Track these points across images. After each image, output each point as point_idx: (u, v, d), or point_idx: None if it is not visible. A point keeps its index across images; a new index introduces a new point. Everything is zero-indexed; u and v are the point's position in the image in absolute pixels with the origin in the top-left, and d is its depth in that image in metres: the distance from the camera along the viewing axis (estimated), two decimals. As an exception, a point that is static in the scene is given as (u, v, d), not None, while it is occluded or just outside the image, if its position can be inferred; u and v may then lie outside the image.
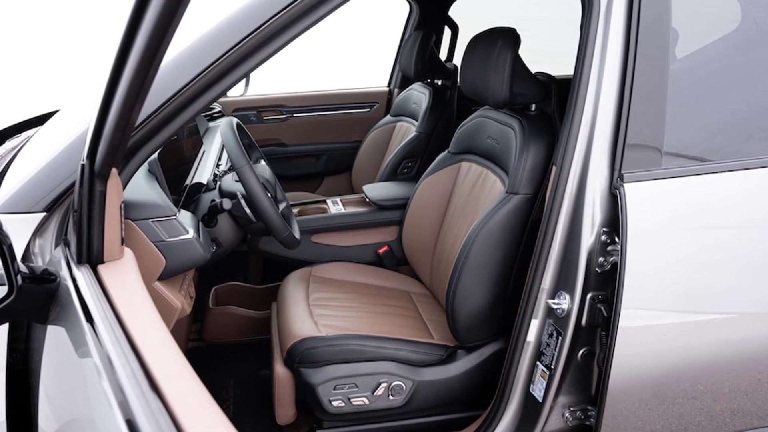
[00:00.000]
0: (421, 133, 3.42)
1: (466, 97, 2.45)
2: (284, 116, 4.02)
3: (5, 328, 1.35)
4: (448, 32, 3.98)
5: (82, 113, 1.71)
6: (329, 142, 4.12)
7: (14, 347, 1.37)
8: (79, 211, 1.25)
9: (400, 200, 2.90)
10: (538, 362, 1.83)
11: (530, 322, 1.82)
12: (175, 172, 2.08)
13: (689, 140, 1.73)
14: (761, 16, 1.81)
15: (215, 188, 2.25)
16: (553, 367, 1.77)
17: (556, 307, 1.73)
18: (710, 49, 1.83)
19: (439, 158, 2.57)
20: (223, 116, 3.59)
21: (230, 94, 3.85)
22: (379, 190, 3.06)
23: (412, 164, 3.45)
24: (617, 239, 1.61)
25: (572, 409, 1.83)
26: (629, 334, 1.64)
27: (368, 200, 2.97)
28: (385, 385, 2.04)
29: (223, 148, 2.86)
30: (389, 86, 4.22)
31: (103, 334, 1.03)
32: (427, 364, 2.10)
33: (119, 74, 0.96)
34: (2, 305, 1.16)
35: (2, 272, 1.17)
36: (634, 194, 1.61)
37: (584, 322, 1.71)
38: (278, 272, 2.79)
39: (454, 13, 3.90)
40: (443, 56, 3.97)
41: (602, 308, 1.68)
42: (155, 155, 1.80)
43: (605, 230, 1.66)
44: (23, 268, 1.22)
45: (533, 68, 2.12)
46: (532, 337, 1.83)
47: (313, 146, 4.10)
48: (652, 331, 1.69)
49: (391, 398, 2.06)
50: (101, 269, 1.28)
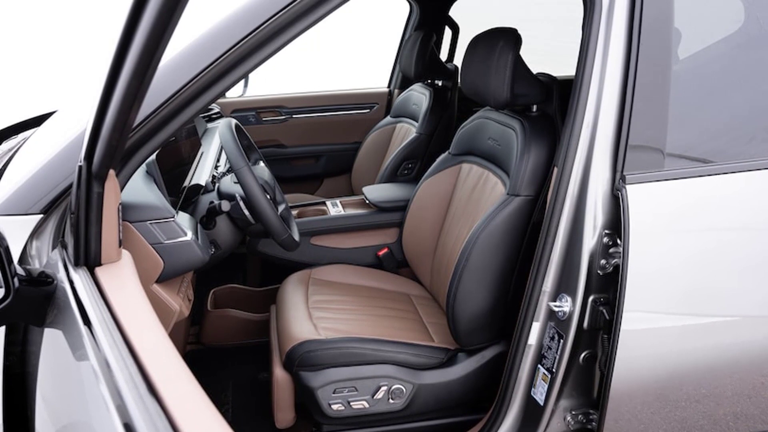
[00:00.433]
0: (421, 134, 3.42)
1: (466, 98, 2.44)
2: (283, 117, 4.02)
3: (2, 331, 1.35)
4: (448, 32, 3.99)
5: (79, 114, 1.71)
6: (329, 143, 4.12)
7: (11, 350, 1.37)
8: (76, 213, 1.25)
9: (400, 202, 2.90)
10: (539, 365, 1.83)
11: (531, 324, 1.82)
12: (173, 173, 2.08)
13: (692, 141, 1.73)
14: (764, 16, 1.81)
15: (214, 190, 2.25)
16: (554, 370, 1.77)
17: (557, 309, 1.73)
18: (713, 49, 1.83)
19: (439, 160, 2.57)
20: (221, 117, 3.59)
21: (229, 94, 3.85)
22: (379, 191, 3.06)
23: (412, 166, 3.45)
24: (619, 241, 1.61)
25: (574, 412, 1.83)
26: (631, 337, 1.64)
27: (368, 202, 2.97)
28: (385, 388, 2.04)
29: (221, 149, 2.85)
30: (389, 87, 4.22)
31: (100, 337, 1.03)
32: (427, 367, 2.10)
33: (117, 75, 0.96)
34: (-1, 308, 1.16)
35: (-1, 275, 1.17)
36: (636, 196, 1.61)
37: (586, 324, 1.71)
38: (277, 275, 2.78)
39: (454, 13, 3.90)
40: (444, 57, 3.97)
41: (604, 311, 1.68)
42: (153, 157, 1.80)
43: (607, 232, 1.66)
44: (20, 270, 1.21)
45: (534, 69, 2.12)
46: (533, 340, 1.83)
47: (312, 147, 4.10)
48: (654, 333, 1.69)
49: (391, 402, 2.06)
50: (99, 272, 1.28)
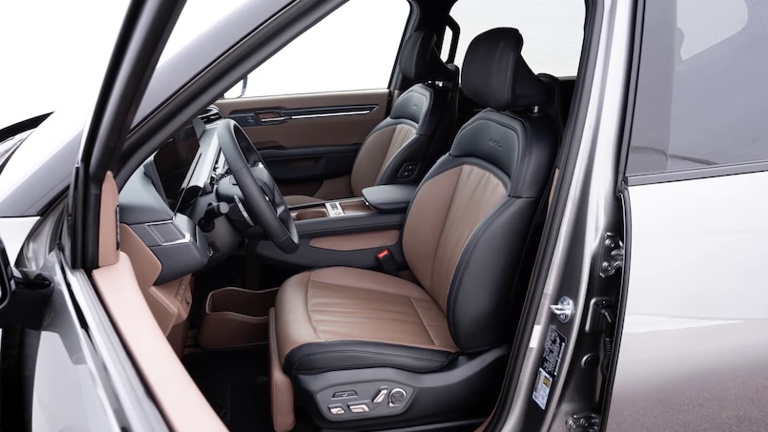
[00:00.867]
0: (421, 135, 3.42)
1: (467, 98, 2.44)
2: (282, 118, 4.02)
3: (-2, 334, 1.35)
4: (449, 33, 3.99)
5: (76, 115, 1.71)
6: (328, 144, 4.12)
7: (7, 353, 1.37)
8: (73, 215, 1.25)
9: (400, 204, 2.89)
10: (540, 369, 1.83)
11: (533, 328, 1.82)
12: (171, 175, 2.08)
13: (695, 143, 1.73)
14: (768, 16, 1.81)
15: (212, 192, 2.25)
16: (556, 373, 1.77)
17: (559, 312, 1.73)
18: (716, 50, 1.83)
19: (440, 161, 2.57)
20: (220, 118, 3.59)
21: (227, 95, 3.85)
22: (379, 193, 3.06)
23: (412, 167, 3.45)
24: (621, 243, 1.61)
25: (576, 416, 1.83)
26: (634, 340, 1.64)
27: (368, 204, 2.97)
28: (385, 392, 2.04)
29: (220, 150, 2.86)
30: (389, 88, 4.23)
31: (98, 340, 1.03)
32: (427, 370, 2.10)
33: (114, 75, 0.97)
34: (-5, 311, 1.16)
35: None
36: (638, 198, 1.61)
37: (588, 328, 1.71)
38: (276, 277, 2.78)
39: (455, 13, 3.91)
40: (444, 57, 3.97)
41: (606, 314, 1.68)
42: (151, 158, 1.81)
43: (609, 234, 1.66)
44: (17, 273, 1.21)
45: (536, 69, 2.12)
46: (534, 343, 1.83)
47: (311, 149, 4.11)
48: (656, 337, 1.69)
49: (391, 405, 2.06)
50: (96, 274, 1.28)
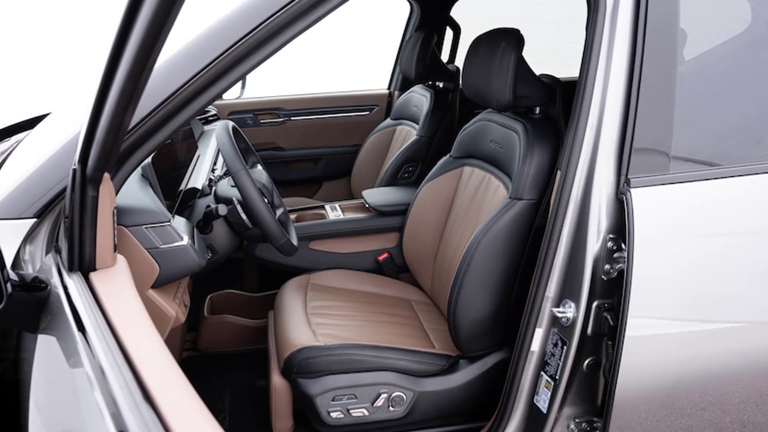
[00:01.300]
0: (422, 136, 3.42)
1: (468, 99, 2.44)
2: (281, 119, 4.02)
3: (-6, 337, 1.35)
4: (449, 33, 3.99)
5: (73, 116, 1.71)
6: (328, 146, 4.12)
7: (3, 357, 1.37)
8: (70, 217, 1.25)
9: (400, 206, 2.89)
10: (542, 372, 1.83)
11: (534, 331, 1.82)
12: (169, 176, 2.08)
13: (698, 144, 1.73)
14: (771, 16, 1.81)
15: (210, 193, 2.26)
16: (557, 377, 1.77)
17: (560, 315, 1.73)
18: (719, 50, 1.83)
19: (440, 163, 2.57)
20: (218, 119, 3.60)
21: (226, 96, 3.86)
22: (378, 195, 3.06)
23: (412, 169, 3.45)
24: (624, 246, 1.61)
25: (577, 420, 1.83)
26: (636, 343, 1.64)
27: (368, 206, 2.97)
28: (385, 395, 2.04)
29: (218, 152, 2.86)
30: (389, 89, 4.23)
31: (95, 343, 1.03)
32: (428, 374, 2.10)
33: (112, 76, 0.97)
34: (-9, 314, 1.16)
35: (-9, 280, 1.17)
36: (641, 200, 1.61)
37: (590, 331, 1.71)
38: (275, 280, 2.78)
39: (455, 13, 3.91)
40: (445, 58, 3.98)
41: (608, 317, 1.68)
42: (149, 160, 1.81)
43: (611, 237, 1.66)
44: (13, 275, 1.22)
45: (537, 70, 2.13)
46: (536, 346, 1.83)
47: (311, 150, 4.11)
48: (659, 340, 1.69)
49: (391, 409, 2.06)
50: (93, 277, 1.28)
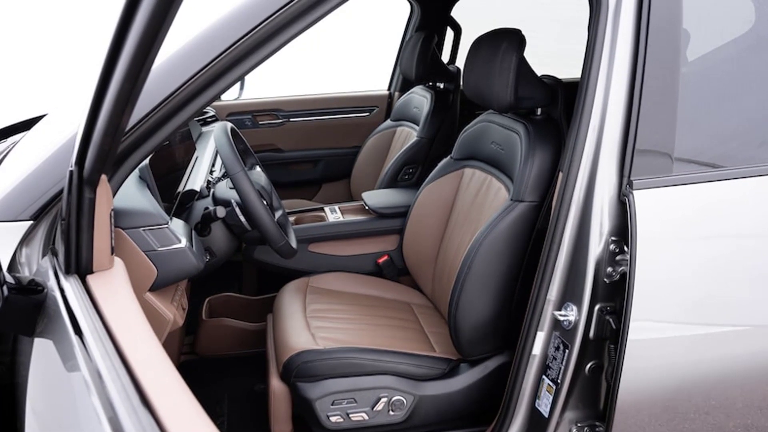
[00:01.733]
0: (422, 138, 3.42)
1: (469, 101, 2.45)
2: (280, 121, 4.02)
3: (-10, 340, 1.35)
4: (450, 33, 3.99)
5: (70, 118, 1.71)
6: (327, 147, 4.12)
7: (0, 361, 1.37)
8: (67, 219, 1.25)
9: (400, 208, 2.89)
10: (544, 376, 1.83)
11: (536, 334, 1.82)
12: (167, 178, 2.08)
13: (701, 146, 1.73)
14: (775, 16, 1.81)
15: (209, 195, 2.26)
16: (559, 381, 1.77)
17: (562, 319, 1.73)
18: (723, 51, 1.84)
19: (441, 164, 2.57)
20: (216, 121, 3.60)
21: (224, 97, 3.86)
22: (379, 197, 3.06)
23: (413, 171, 3.45)
24: (626, 248, 1.61)
25: (579, 424, 1.83)
26: (639, 347, 1.64)
27: (368, 208, 2.97)
28: (385, 400, 2.04)
29: (216, 153, 2.86)
30: (389, 90, 4.23)
31: (92, 347, 1.03)
32: (428, 378, 2.10)
33: (109, 77, 0.97)
34: (-13, 317, 1.16)
35: (-13, 283, 1.17)
36: (643, 202, 1.61)
37: (592, 334, 1.71)
38: (274, 283, 2.78)
39: (456, 13, 3.91)
40: (445, 58, 3.98)
41: (611, 320, 1.68)
42: (146, 161, 1.81)
43: (614, 239, 1.66)
44: (9, 278, 1.22)
45: (539, 71, 2.13)
46: (537, 350, 1.83)
47: (310, 152, 4.11)
48: (662, 344, 1.69)
49: (391, 414, 2.06)
50: (90, 280, 1.28)
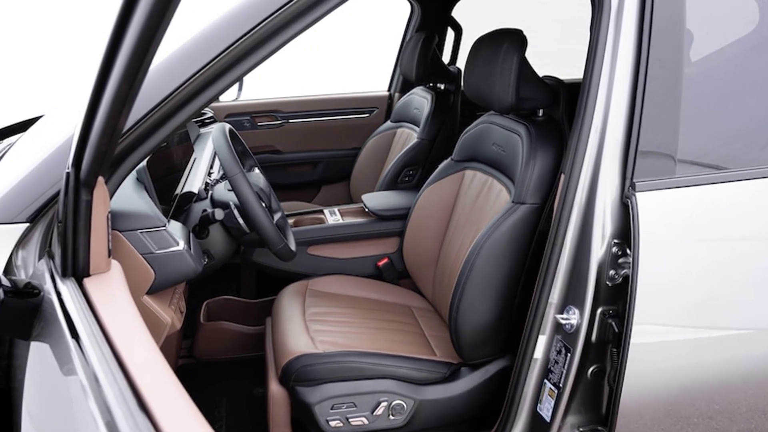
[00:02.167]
0: (423, 139, 3.42)
1: (470, 102, 2.45)
2: (279, 122, 4.02)
3: (-14, 344, 1.35)
4: (451, 34, 3.99)
5: (67, 119, 1.71)
6: (326, 149, 4.12)
7: (-5, 365, 1.37)
8: (63, 221, 1.25)
9: (400, 210, 2.90)
10: (545, 380, 1.83)
11: (537, 338, 1.82)
12: (164, 180, 2.08)
13: (705, 147, 1.73)
14: (779, 17, 1.82)
15: (207, 198, 2.25)
16: (561, 385, 1.77)
17: (564, 322, 1.73)
18: (727, 51, 1.84)
19: (441, 166, 2.58)
20: (215, 122, 3.60)
21: (223, 98, 3.86)
22: (378, 199, 3.06)
23: (413, 172, 3.45)
24: (629, 251, 1.61)
25: (582, 429, 1.82)
26: (641, 350, 1.64)
27: (367, 210, 2.97)
28: (385, 404, 2.04)
29: (215, 155, 2.86)
30: (389, 91, 4.23)
31: (89, 350, 1.03)
32: (429, 382, 2.10)
33: (106, 77, 0.97)
34: (-17, 320, 1.16)
35: (-17, 286, 1.17)
36: (646, 204, 1.61)
37: (594, 338, 1.71)
38: (273, 286, 2.78)
39: (457, 13, 3.91)
40: (446, 59, 3.98)
41: (613, 323, 1.68)
42: (144, 163, 1.81)
43: (616, 242, 1.66)
44: (5, 281, 1.21)
45: (540, 71, 2.13)
46: (539, 353, 1.83)
47: (309, 154, 4.11)
48: (665, 347, 1.69)
49: (391, 418, 2.05)
50: (87, 282, 1.28)
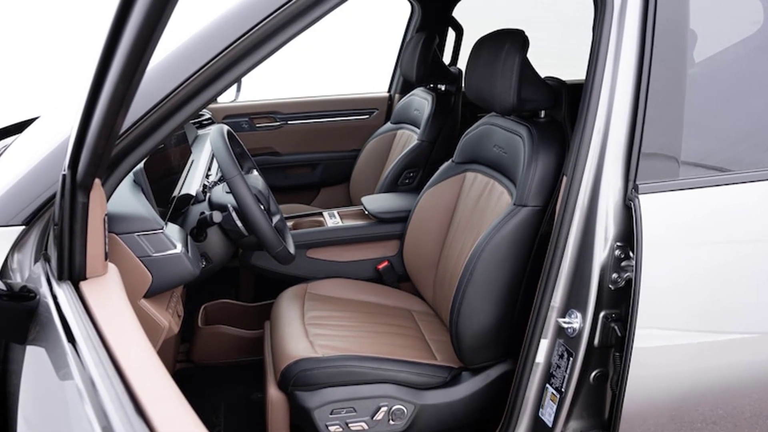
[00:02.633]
0: (423, 141, 3.42)
1: (471, 103, 2.45)
2: (278, 123, 4.02)
3: (-19, 348, 1.35)
4: (452, 34, 4.00)
5: (63, 120, 1.71)
6: (326, 151, 4.12)
7: (-9, 369, 1.37)
8: (60, 224, 1.25)
9: (401, 213, 2.90)
10: (547, 385, 1.83)
11: (539, 342, 1.82)
12: (162, 182, 2.08)
13: (708, 149, 1.73)
14: (784, 17, 1.82)
15: (205, 200, 2.25)
16: (563, 390, 1.77)
17: (566, 326, 1.73)
18: (731, 51, 1.84)
19: (442, 168, 2.58)
20: (213, 123, 3.59)
21: (221, 100, 3.86)
22: (378, 202, 3.06)
23: (413, 174, 3.45)
24: (632, 254, 1.61)
25: (584, 434, 1.83)
26: (645, 354, 1.64)
27: (367, 213, 2.97)
28: (385, 409, 2.04)
29: (213, 157, 2.86)
30: (390, 92, 4.23)
31: (85, 354, 1.03)
32: (429, 386, 2.10)
33: (103, 78, 0.97)
34: (-22, 324, 1.16)
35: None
36: (649, 206, 1.61)
37: (597, 342, 1.71)
38: (271, 289, 2.78)
39: (458, 13, 3.91)
40: (447, 60, 3.98)
41: (616, 327, 1.68)
42: (141, 165, 1.81)
43: (619, 244, 1.66)
44: (1, 284, 1.22)
45: (542, 72, 2.13)
46: (541, 358, 1.83)
47: (308, 155, 4.11)
48: (668, 351, 1.69)
49: (391, 423, 2.05)
50: (83, 286, 1.28)
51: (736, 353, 1.73)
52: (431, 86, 3.62)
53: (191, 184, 2.36)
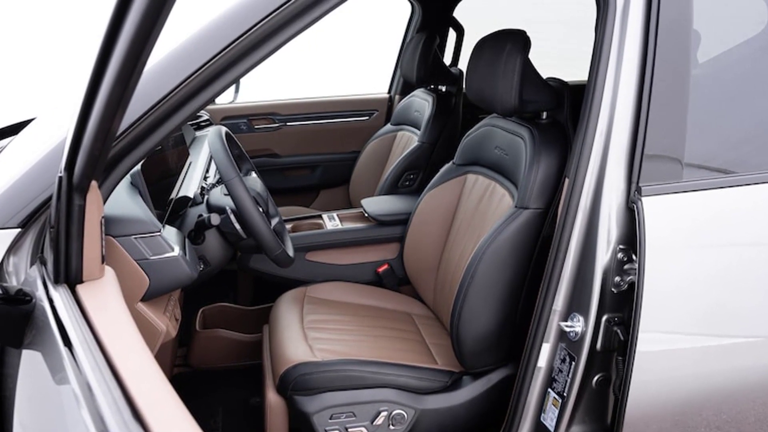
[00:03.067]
0: (423, 143, 3.42)
1: (472, 104, 2.44)
2: (277, 125, 4.02)
3: (-24, 352, 1.35)
4: (452, 35, 4.00)
5: (59, 122, 1.71)
6: (325, 152, 4.12)
7: (-14, 373, 1.37)
8: (56, 226, 1.25)
9: (401, 215, 2.89)
10: (549, 389, 1.83)
11: (541, 346, 1.82)
12: (159, 185, 2.08)
13: (712, 151, 1.74)
14: (788, 17, 1.82)
15: (203, 202, 2.26)
16: (565, 394, 1.76)
17: (569, 330, 1.73)
18: (735, 52, 1.84)
19: (443, 170, 2.58)
20: (211, 125, 3.59)
21: (219, 101, 3.86)
22: (378, 204, 3.06)
23: (414, 176, 3.45)
24: (634, 257, 1.61)
25: (587, 439, 1.83)
26: (648, 359, 1.64)
27: (367, 215, 2.97)
28: (385, 413, 2.04)
29: (211, 159, 2.86)
30: (390, 93, 4.23)
31: (82, 359, 1.03)
32: (430, 391, 2.10)
33: (99, 80, 0.97)
34: (-27, 328, 1.16)
35: (-27, 293, 1.17)
36: (652, 209, 1.61)
37: (599, 346, 1.71)
38: (270, 292, 2.78)
39: (459, 14, 3.92)
40: (447, 60, 3.98)
41: (618, 331, 1.68)
42: (138, 167, 1.81)
43: (622, 247, 1.66)
44: (-4, 288, 1.21)
45: (544, 73, 2.13)
46: (543, 362, 1.83)
47: (307, 157, 4.11)
48: (672, 355, 1.69)
49: (391, 428, 2.05)
50: (80, 289, 1.28)
51: (740, 357, 1.73)
52: (432, 87, 3.62)
53: (189, 186, 2.36)
